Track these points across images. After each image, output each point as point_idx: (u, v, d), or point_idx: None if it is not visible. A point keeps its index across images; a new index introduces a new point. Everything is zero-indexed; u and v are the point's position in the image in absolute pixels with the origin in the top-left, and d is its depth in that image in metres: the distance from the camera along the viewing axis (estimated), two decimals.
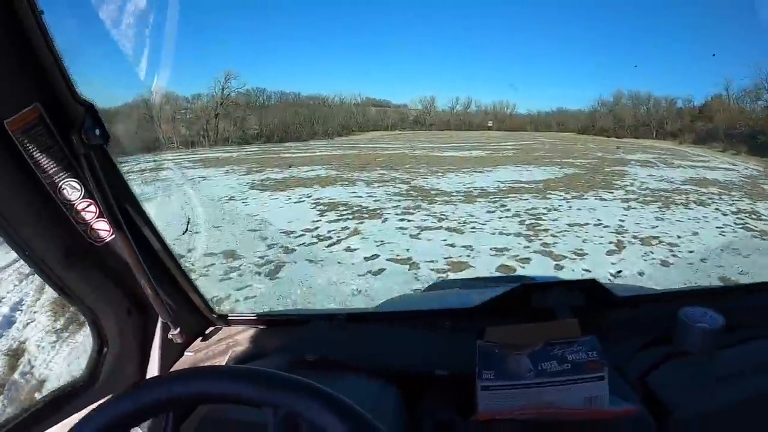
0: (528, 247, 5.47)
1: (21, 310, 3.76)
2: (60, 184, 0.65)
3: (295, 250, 5.41)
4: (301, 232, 6.17)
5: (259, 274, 4.58)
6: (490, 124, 36.94)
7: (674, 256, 5.12)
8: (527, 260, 5.02)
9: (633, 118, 30.63)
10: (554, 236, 5.88)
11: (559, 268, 4.77)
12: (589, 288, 0.90)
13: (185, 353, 0.92)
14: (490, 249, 5.33)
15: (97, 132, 0.64)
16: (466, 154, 17.09)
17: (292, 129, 28.62)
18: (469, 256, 5.13)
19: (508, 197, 8.44)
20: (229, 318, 0.99)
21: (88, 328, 0.82)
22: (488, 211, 7.33)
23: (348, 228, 6.37)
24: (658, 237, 5.81)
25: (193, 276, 0.92)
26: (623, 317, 0.91)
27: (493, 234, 6.02)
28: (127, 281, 0.79)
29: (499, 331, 0.74)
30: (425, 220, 6.80)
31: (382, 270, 4.67)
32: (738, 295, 0.98)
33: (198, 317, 0.95)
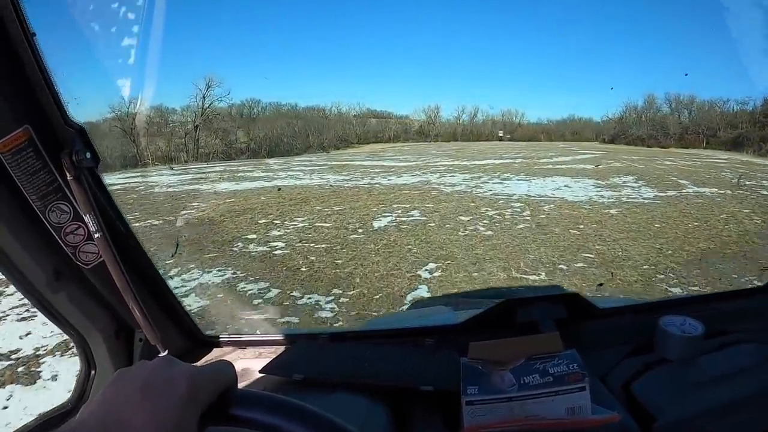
0: None
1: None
2: (49, 206, 0.65)
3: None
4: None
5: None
6: (501, 134, 34.74)
7: None
8: None
9: (678, 125, 25.84)
10: None
11: None
12: (572, 301, 0.92)
13: None
14: None
15: (88, 155, 0.65)
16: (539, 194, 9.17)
17: (285, 141, 26.77)
18: None
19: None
20: (219, 339, 1.00)
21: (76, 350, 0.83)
22: None
23: None
24: None
25: (180, 298, 0.92)
26: (605, 328, 0.93)
27: None
28: (115, 304, 0.79)
29: (482, 346, 0.75)
30: None
31: None
32: (715, 302, 1.01)
33: (186, 339, 0.95)
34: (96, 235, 0.69)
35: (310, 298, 4.21)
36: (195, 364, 0.96)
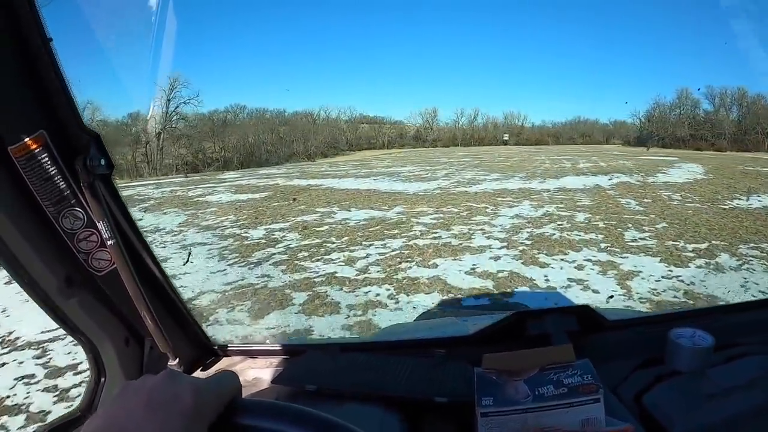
0: None
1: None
2: (63, 212, 0.65)
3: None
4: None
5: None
6: (506, 138, 32.89)
7: None
8: None
9: (733, 123, 20.27)
10: None
11: None
12: (583, 313, 0.92)
13: None
14: None
15: (102, 161, 0.65)
16: None
17: (264, 149, 24.06)
18: None
19: None
20: (228, 348, 0.99)
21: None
22: None
23: None
24: None
25: (191, 307, 0.92)
26: (616, 340, 0.93)
27: None
28: (126, 311, 0.79)
29: (496, 358, 0.75)
30: None
31: None
32: (724, 314, 1.01)
33: (197, 348, 0.95)
34: (109, 242, 0.69)
35: None
36: (204, 373, 0.96)
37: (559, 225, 7.03)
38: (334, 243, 6.40)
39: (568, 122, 33.57)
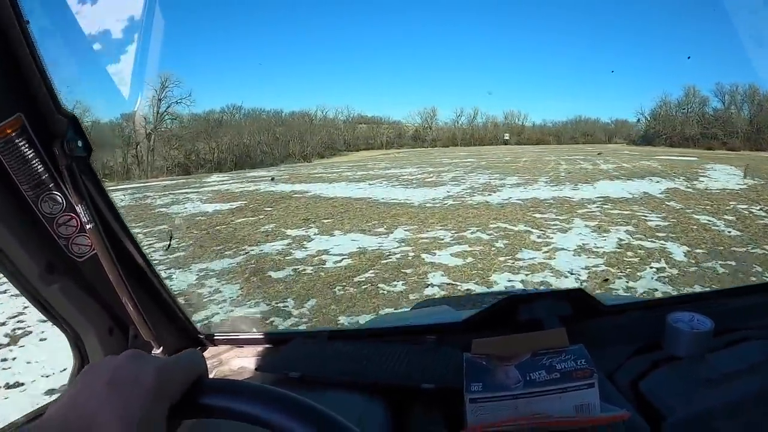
0: None
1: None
2: (42, 196, 0.65)
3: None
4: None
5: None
6: (506, 137, 32.36)
7: None
8: None
9: (745, 122, 19.56)
10: None
11: None
12: (576, 298, 0.90)
13: None
14: None
15: (80, 143, 0.64)
16: None
17: (260, 150, 23.32)
18: None
19: None
20: (215, 338, 0.98)
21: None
22: None
23: None
24: None
25: (176, 295, 0.90)
26: (611, 325, 0.91)
27: None
28: (109, 299, 0.78)
29: (486, 343, 0.73)
30: None
31: None
32: (723, 298, 0.99)
33: (182, 337, 0.93)
34: (88, 226, 0.68)
35: None
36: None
37: (658, 272, 4.63)
38: (290, 316, 3.86)
39: (568, 121, 33.40)
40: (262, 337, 0.96)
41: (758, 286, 1.14)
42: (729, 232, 6.26)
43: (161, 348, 0.84)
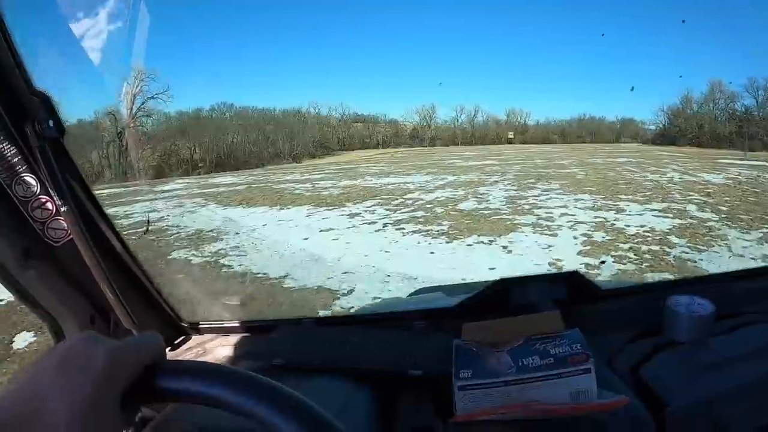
0: None
1: None
2: (15, 178, 0.63)
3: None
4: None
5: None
6: (510, 136, 31.26)
7: None
8: None
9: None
10: None
11: None
12: (572, 281, 0.87)
13: None
14: None
15: (51, 123, 0.63)
16: None
17: (247, 150, 21.76)
18: None
19: None
20: (201, 326, 0.95)
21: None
22: None
23: None
24: None
25: (160, 282, 0.87)
26: (609, 310, 0.88)
27: None
28: (89, 286, 0.75)
29: (476, 327, 0.70)
30: None
31: None
32: (725, 282, 0.96)
33: (166, 325, 0.91)
34: (63, 209, 0.66)
35: None
36: (174, 353, 0.92)
37: None
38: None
39: (573, 119, 32.25)
40: (248, 325, 0.94)
41: (760, 269, 1.11)
42: None
43: None
